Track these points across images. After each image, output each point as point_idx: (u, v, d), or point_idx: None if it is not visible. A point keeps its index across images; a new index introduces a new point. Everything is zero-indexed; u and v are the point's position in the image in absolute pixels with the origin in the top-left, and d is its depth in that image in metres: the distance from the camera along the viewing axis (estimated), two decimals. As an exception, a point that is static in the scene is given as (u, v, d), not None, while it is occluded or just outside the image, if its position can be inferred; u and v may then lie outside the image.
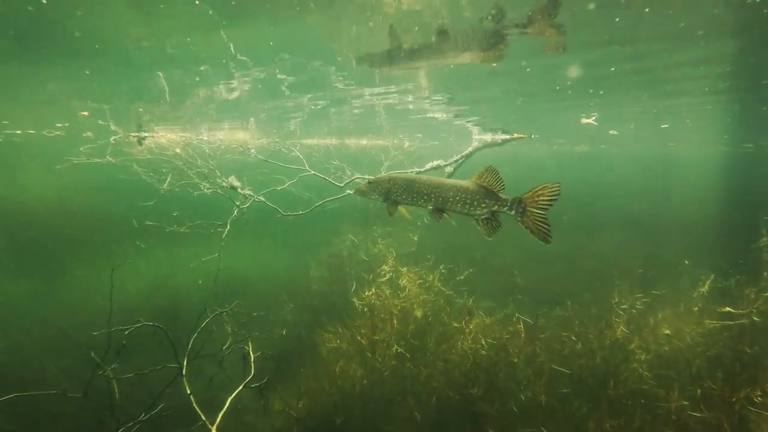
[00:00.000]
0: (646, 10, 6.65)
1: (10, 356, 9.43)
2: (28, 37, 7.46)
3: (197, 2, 5.98)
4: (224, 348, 6.09)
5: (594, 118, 18.37)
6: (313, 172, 8.52)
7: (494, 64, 9.40)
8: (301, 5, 6.19)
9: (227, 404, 5.58)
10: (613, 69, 10.47)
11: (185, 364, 5.67)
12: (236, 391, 5.78)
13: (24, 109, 15.11)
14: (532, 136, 23.17)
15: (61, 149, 12.88)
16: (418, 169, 8.32)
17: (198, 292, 12.76)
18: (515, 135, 8.21)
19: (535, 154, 53.03)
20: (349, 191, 8.51)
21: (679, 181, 60.89)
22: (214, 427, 5.30)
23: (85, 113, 15.74)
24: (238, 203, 8.30)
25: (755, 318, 6.63)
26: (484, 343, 7.33)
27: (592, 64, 10.02)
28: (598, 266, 15.47)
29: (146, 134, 17.97)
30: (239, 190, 8.30)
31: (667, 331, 6.73)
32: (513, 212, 4.22)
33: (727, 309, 6.64)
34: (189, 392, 5.45)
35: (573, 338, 7.73)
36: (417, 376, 7.62)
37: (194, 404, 5.35)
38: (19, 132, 21.59)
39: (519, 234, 4.56)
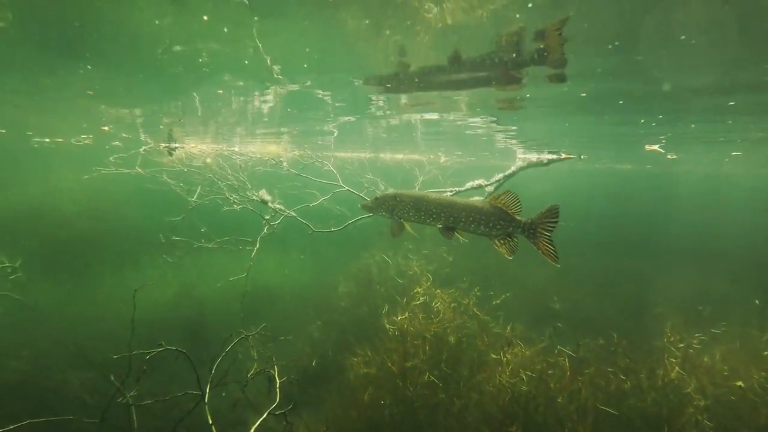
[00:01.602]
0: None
1: (34, 366, 9.34)
2: (58, 39, 7.24)
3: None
4: (249, 375, 5.75)
5: (660, 144, 17.28)
6: (346, 187, 8.17)
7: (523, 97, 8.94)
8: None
9: (250, 434, 5.22)
10: (732, 104, 9.78)
11: (208, 390, 5.35)
12: (260, 420, 5.42)
13: (49, 118, 15.29)
14: (581, 156, 22.06)
15: (93, 157, 12.97)
16: (457, 189, 7.86)
17: (224, 304, 12.57)
18: (563, 155, 7.69)
19: (573, 170, 50.57)
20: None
21: (732, 203, 56.43)
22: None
23: (106, 128, 15.90)
24: (267, 218, 8.00)
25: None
26: (524, 377, 6.80)
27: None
28: (640, 292, 14.68)
29: (177, 145, 18.06)
30: (270, 204, 8.01)
31: (740, 383, 6.04)
32: (525, 234, 4.36)
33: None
34: (210, 422, 5.11)
35: (621, 376, 7.14)
36: (450, 407, 7.14)
37: (215, 436, 5.00)
38: (48, 140, 22.08)
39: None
